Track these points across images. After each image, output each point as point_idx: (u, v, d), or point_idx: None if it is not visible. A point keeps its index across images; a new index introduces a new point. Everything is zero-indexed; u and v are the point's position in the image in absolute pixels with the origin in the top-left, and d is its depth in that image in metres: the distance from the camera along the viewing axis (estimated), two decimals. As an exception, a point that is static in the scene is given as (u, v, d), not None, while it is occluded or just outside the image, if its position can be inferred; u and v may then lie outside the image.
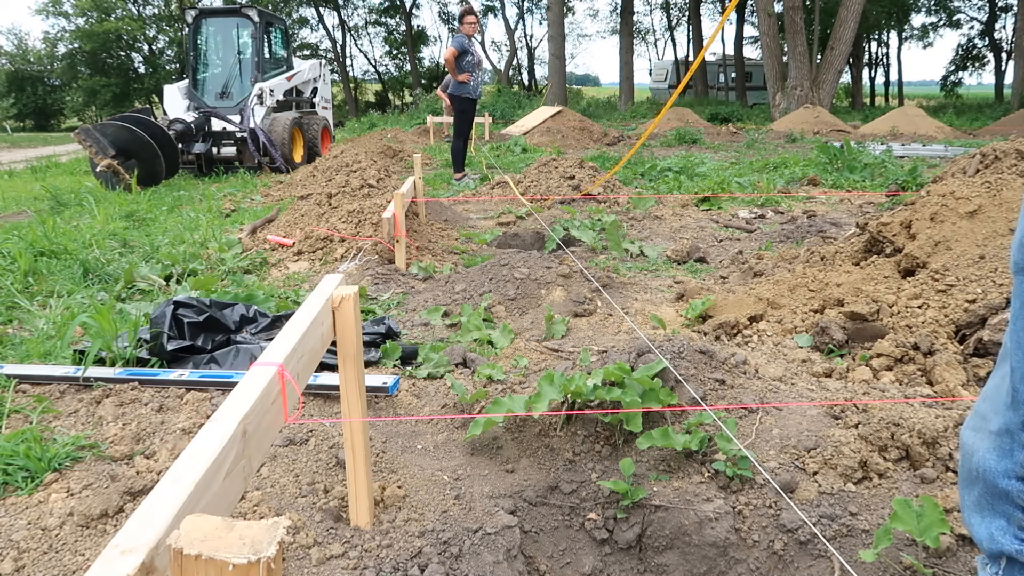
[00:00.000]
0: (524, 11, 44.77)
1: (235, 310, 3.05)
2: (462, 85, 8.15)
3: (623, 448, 2.14)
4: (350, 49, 53.97)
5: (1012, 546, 0.82)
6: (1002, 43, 36.86)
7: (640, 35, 48.63)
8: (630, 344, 2.56)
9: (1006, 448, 0.82)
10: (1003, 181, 3.25)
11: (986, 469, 0.85)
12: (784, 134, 15.70)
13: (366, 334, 2.99)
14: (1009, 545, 0.83)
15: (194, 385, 2.51)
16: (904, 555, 1.62)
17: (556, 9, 23.61)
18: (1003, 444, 0.82)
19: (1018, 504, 0.82)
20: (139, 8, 33.02)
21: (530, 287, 3.71)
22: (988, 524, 0.86)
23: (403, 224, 4.43)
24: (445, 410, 2.49)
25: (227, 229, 5.68)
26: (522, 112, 20.88)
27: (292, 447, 2.10)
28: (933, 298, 2.74)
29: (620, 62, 29.81)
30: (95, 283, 4.05)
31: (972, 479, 0.89)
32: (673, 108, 21.75)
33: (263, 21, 10.67)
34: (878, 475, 1.87)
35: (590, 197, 6.63)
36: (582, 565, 1.97)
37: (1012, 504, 0.82)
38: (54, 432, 2.17)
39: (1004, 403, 0.83)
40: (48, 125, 32.54)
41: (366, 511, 1.75)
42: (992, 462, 0.84)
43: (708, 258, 4.70)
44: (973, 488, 0.89)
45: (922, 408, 2.00)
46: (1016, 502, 0.82)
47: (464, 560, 1.72)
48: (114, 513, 1.77)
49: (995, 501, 0.85)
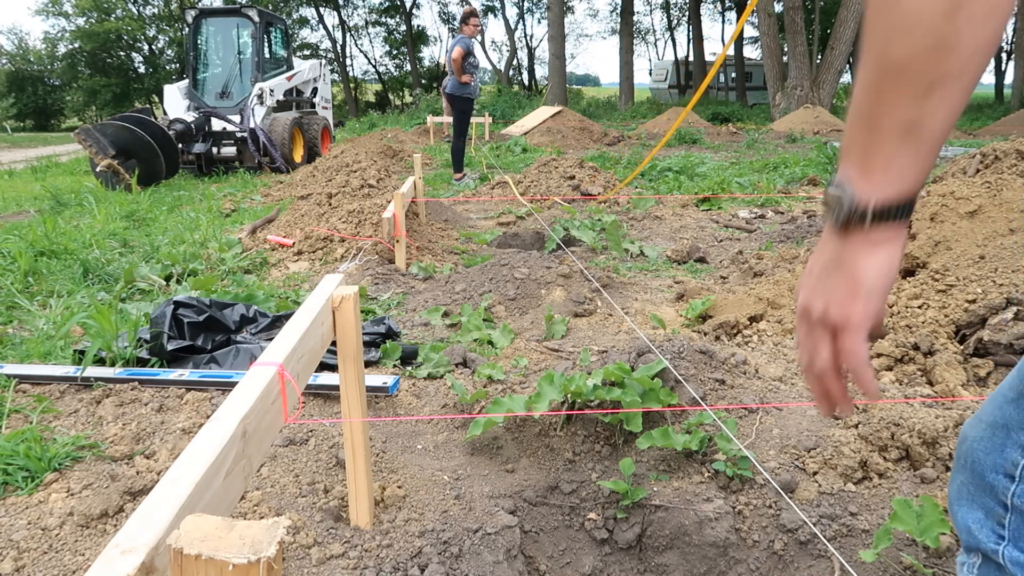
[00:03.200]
0: (524, 11, 44.82)
1: (235, 310, 3.05)
2: (463, 86, 8.16)
3: (623, 448, 2.14)
4: (350, 49, 54.00)
5: (988, 542, 0.80)
6: (1002, 43, 36.87)
7: (640, 35, 48.64)
8: (630, 344, 2.56)
9: (999, 442, 0.79)
10: (1003, 181, 3.25)
11: (975, 459, 0.82)
12: (784, 134, 15.70)
13: (366, 334, 2.99)
14: (986, 541, 0.80)
15: (194, 385, 2.51)
16: (904, 555, 1.62)
17: (556, 9, 23.60)
18: (996, 437, 0.80)
19: (1000, 500, 0.79)
20: (139, 8, 33.04)
21: (530, 287, 3.71)
22: (966, 515, 0.83)
23: (403, 224, 4.43)
24: (445, 410, 2.49)
25: (227, 229, 5.68)
26: (522, 112, 20.89)
27: (292, 447, 2.10)
28: (933, 298, 2.74)
29: (620, 62, 29.82)
30: (95, 283, 4.05)
31: (959, 466, 0.86)
32: (673, 108, 21.76)
33: (263, 21, 10.67)
34: (878, 475, 1.87)
35: (590, 197, 6.63)
36: (582, 565, 1.97)
37: (995, 499, 0.80)
38: (54, 432, 2.17)
39: (1005, 396, 0.80)
40: (48, 125, 32.54)
41: (366, 511, 1.75)
42: (981, 453, 0.81)
43: (708, 258, 4.70)
44: (958, 475, 0.86)
45: (922, 408, 2.00)
46: (999, 498, 0.79)
47: (464, 560, 1.72)
48: (114, 513, 1.77)
49: (978, 493, 0.82)
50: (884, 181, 0.65)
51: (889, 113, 0.63)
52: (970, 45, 0.59)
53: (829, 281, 0.72)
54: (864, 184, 0.66)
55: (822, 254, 0.74)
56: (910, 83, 0.61)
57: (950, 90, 0.61)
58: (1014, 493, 0.78)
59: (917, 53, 0.59)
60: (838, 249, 0.70)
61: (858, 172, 0.66)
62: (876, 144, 0.64)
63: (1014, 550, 0.78)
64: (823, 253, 0.73)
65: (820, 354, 0.75)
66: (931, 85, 0.60)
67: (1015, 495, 0.78)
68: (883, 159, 0.64)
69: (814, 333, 0.75)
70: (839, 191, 0.68)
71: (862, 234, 0.67)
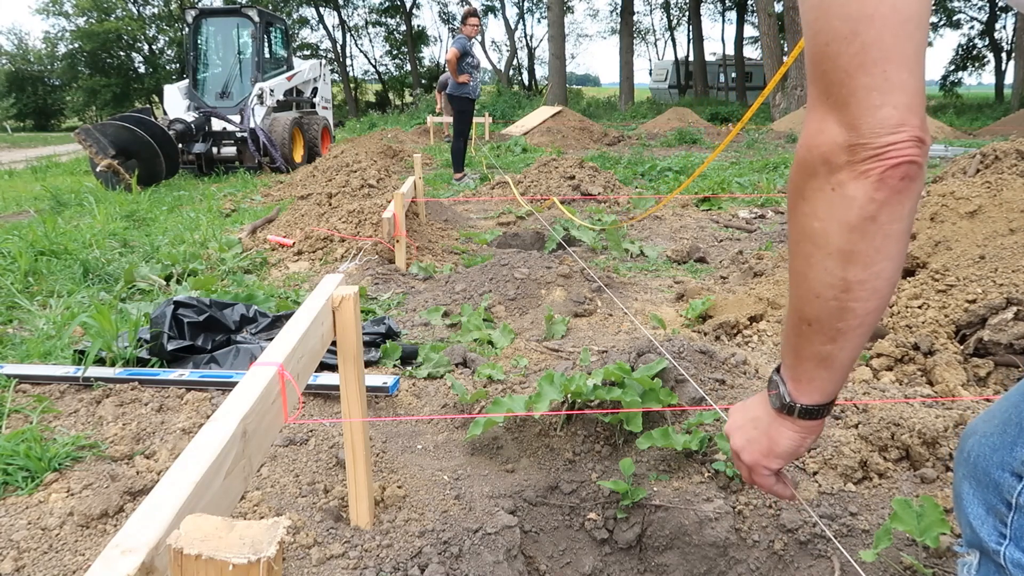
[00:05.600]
0: (524, 11, 44.83)
1: (235, 310, 3.05)
2: (462, 86, 8.16)
3: (623, 448, 2.14)
4: (350, 49, 53.98)
5: (990, 540, 0.79)
6: (1002, 43, 36.86)
7: (640, 35, 48.65)
8: (630, 344, 2.56)
9: (1009, 439, 0.78)
10: (1003, 181, 3.25)
11: (980, 454, 0.82)
12: (784, 134, 15.70)
13: (366, 334, 2.99)
14: (987, 539, 0.79)
15: (194, 385, 2.51)
16: (904, 555, 1.62)
17: (556, 9, 23.60)
18: (1007, 434, 0.79)
19: (1005, 498, 0.78)
20: (139, 8, 33.06)
21: (530, 287, 3.71)
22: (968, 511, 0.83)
23: (403, 224, 4.43)
24: (445, 410, 2.49)
25: (227, 229, 5.68)
26: (522, 112, 20.89)
27: (292, 447, 2.10)
28: (933, 298, 2.74)
29: (620, 62, 29.82)
30: (95, 283, 4.05)
31: (961, 459, 0.86)
32: (673, 108, 21.76)
33: (263, 21, 10.67)
34: (878, 475, 1.87)
35: (591, 197, 6.63)
36: (582, 565, 1.97)
37: (998, 497, 0.79)
38: (54, 432, 2.17)
39: (1020, 392, 0.80)
40: (48, 125, 32.56)
41: (366, 511, 1.75)
42: (989, 449, 0.81)
43: (708, 258, 4.70)
44: (960, 468, 0.86)
45: (922, 408, 2.00)
46: (1004, 496, 0.78)
47: (464, 560, 1.72)
48: (114, 513, 1.77)
49: (980, 488, 0.81)
50: (808, 391, 0.82)
51: (808, 348, 0.79)
52: (862, 310, 0.73)
53: (752, 433, 0.92)
54: (794, 389, 0.84)
55: (754, 409, 0.93)
56: (821, 332, 0.76)
57: (851, 336, 0.75)
58: (1020, 492, 0.77)
59: (824, 314, 0.75)
60: (768, 418, 0.89)
61: (790, 380, 0.84)
62: (801, 367, 0.82)
63: (1015, 550, 0.76)
64: (755, 409, 0.92)
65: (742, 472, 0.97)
66: (836, 334, 0.75)
67: (1021, 494, 0.77)
68: (807, 377, 0.82)
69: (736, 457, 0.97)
70: (777, 385, 0.86)
71: (790, 420, 0.86)
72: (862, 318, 0.74)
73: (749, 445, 0.93)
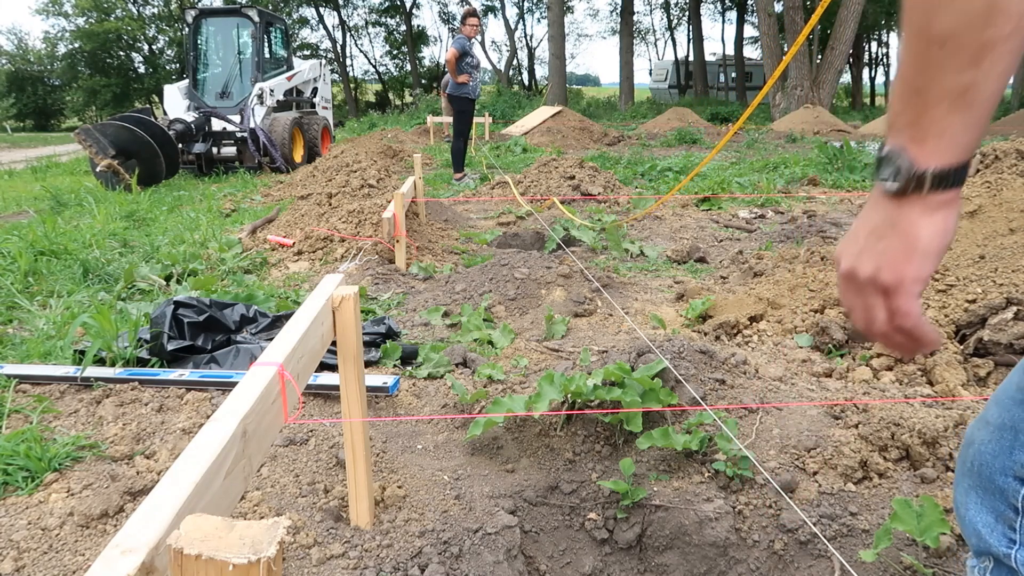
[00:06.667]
0: (524, 11, 44.82)
1: (235, 310, 3.05)
2: (461, 86, 8.16)
3: (623, 448, 2.14)
4: (350, 49, 53.98)
5: (1000, 546, 0.79)
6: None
7: (640, 35, 48.63)
8: (630, 344, 2.56)
9: (1006, 445, 0.78)
10: (1003, 181, 3.25)
11: (982, 462, 0.81)
12: (784, 134, 15.70)
13: (366, 334, 2.99)
14: (997, 545, 0.79)
15: (194, 385, 2.51)
16: (904, 555, 1.62)
17: (556, 9, 23.61)
18: (1004, 440, 0.79)
19: (1011, 503, 0.78)
20: (139, 8, 33.06)
21: (530, 287, 3.71)
22: (975, 518, 0.82)
23: (403, 224, 4.43)
24: (445, 410, 2.49)
25: (227, 229, 5.68)
26: (522, 112, 20.88)
27: (292, 447, 2.10)
28: (933, 298, 2.74)
29: (620, 62, 29.83)
30: (95, 283, 4.05)
31: (966, 470, 0.85)
32: (673, 108, 21.76)
33: (263, 21, 10.67)
34: (878, 475, 1.87)
35: (591, 197, 6.63)
36: (582, 565, 1.97)
37: (1004, 502, 0.79)
38: (54, 432, 2.17)
39: (1012, 398, 0.79)
40: (48, 125, 32.56)
41: (366, 511, 1.75)
42: (989, 456, 0.80)
43: (708, 258, 4.69)
44: (965, 479, 0.85)
45: (922, 408, 2.00)
46: (1009, 501, 0.78)
47: (464, 560, 1.72)
48: (114, 513, 1.77)
49: (986, 496, 0.81)
50: (940, 148, 0.66)
51: (939, 83, 0.62)
52: (1017, 7, 0.58)
53: (880, 244, 0.73)
54: (920, 152, 0.67)
55: (870, 220, 0.74)
56: (958, 52, 0.60)
57: (1001, 53, 0.59)
58: None
59: (964, 21, 0.59)
60: (892, 214, 0.71)
61: (911, 141, 0.67)
62: (927, 116, 0.65)
63: None
64: (871, 219, 0.74)
65: (877, 317, 0.75)
66: (980, 51, 0.59)
67: None
68: (937, 128, 0.65)
69: (864, 296, 0.75)
70: (894, 160, 0.69)
71: (919, 199, 0.68)
72: (1017, 21, 0.58)
73: (883, 257, 0.72)
